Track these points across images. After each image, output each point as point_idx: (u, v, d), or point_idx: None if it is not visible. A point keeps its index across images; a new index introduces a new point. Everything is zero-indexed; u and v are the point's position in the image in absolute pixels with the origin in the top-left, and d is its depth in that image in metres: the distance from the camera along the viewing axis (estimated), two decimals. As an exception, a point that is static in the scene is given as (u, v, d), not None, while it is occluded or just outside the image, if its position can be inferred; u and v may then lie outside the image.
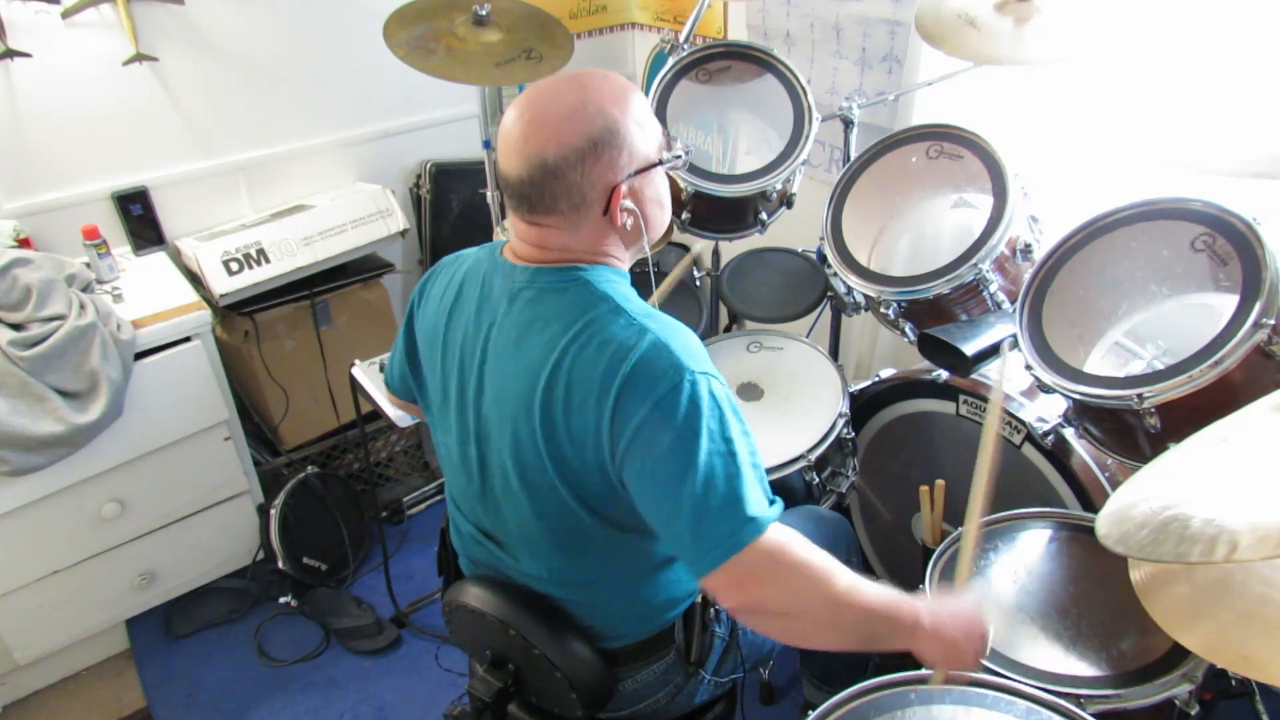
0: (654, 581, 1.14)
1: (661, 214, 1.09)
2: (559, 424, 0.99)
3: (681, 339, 0.99)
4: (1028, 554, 1.32)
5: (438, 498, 2.62)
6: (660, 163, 1.05)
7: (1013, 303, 1.48)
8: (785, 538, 0.95)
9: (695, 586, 1.19)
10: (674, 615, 1.18)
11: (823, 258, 1.89)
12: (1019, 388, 1.58)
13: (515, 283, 1.05)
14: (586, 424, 0.97)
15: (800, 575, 0.95)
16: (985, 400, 1.57)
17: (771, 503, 0.97)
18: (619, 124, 0.98)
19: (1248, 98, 1.23)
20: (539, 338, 1.01)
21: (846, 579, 0.97)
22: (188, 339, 1.97)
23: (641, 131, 1.01)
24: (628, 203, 1.01)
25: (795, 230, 2.02)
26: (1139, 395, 1.20)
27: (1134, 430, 1.29)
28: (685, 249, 2.92)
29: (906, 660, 1.00)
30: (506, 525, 1.13)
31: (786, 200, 1.84)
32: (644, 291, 1.13)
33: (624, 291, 1.04)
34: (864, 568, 1.60)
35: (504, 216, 2.39)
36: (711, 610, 1.21)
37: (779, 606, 0.96)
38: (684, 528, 0.93)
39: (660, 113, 1.81)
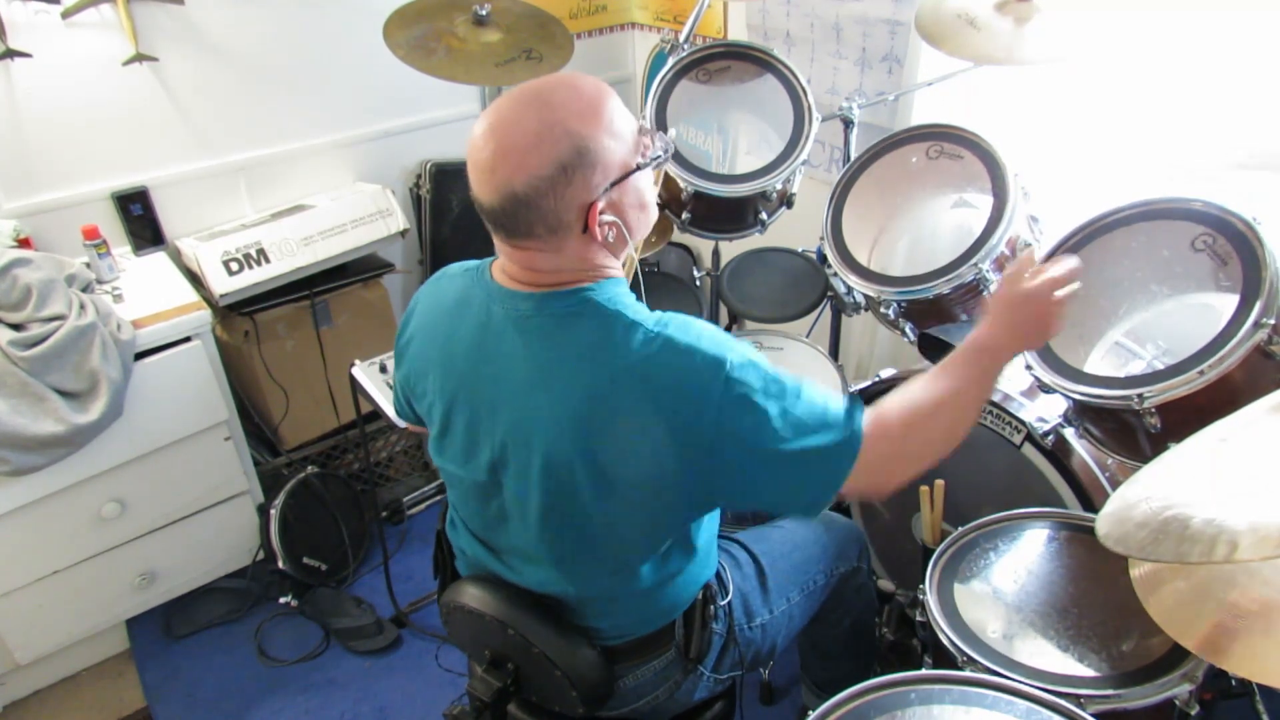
0: (658, 587, 1.14)
1: (644, 216, 1.07)
2: (608, 449, 0.98)
3: (697, 330, 0.99)
4: (1028, 554, 1.32)
5: (438, 497, 2.62)
6: (638, 168, 1.01)
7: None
8: (874, 413, 1.02)
9: (697, 587, 1.20)
10: (675, 613, 1.18)
11: (823, 258, 1.90)
12: (1019, 388, 1.58)
13: (520, 310, 1.03)
14: (646, 443, 0.97)
15: (911, 431, 1.03)
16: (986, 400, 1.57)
17: (849, 399, 1.02)
18: (587, 142, 0.94)
19: (1246, 96, 1.23)
20: (564, 367, 0.99)
21: (929, 395, 1.05)
22: (188, 339, 1.97)
23: (614, 142, 0.97)
24: (606, 216, 0.99)
25: (795, 230, 2.02)
26: (1139, 395, 1.20)
27: (1134, 430, 1.29)
28: (686, 249, 2.92)
29: (908, 664, 1.00)
30: (516, 543, 1.13)
31: (786, 200, 1.84)
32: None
33: (630, 303, 1.03)
34: (870, 571, 1.60)
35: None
36: (711, 608, 1.22)
37: (913, 458, 1.05)
38: (798, 478, 1.00)
39: (660, 113, 1.81)
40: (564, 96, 0.96)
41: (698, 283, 2.28)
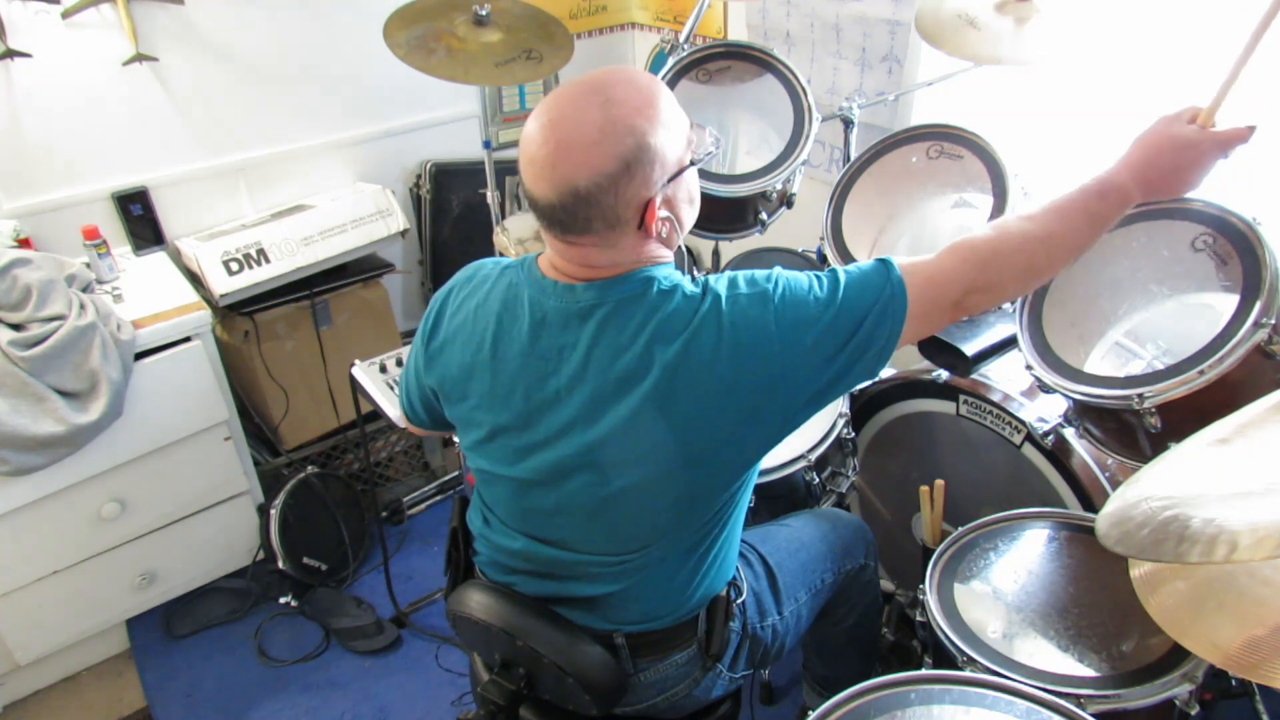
0: (699, 570, 1.14)
1: (692, 210, 1.08)
2: (689, 416, 1.00)
3: (733, 277, 1.03)
4: (1028, 554, 1.32)
5: (438, 498, 2.62)
6: (692, 163, 1.03)
7: (1013, 303, 1.48)
8: (929, 260, 1.06)
9: (724, 581, 1.20)
10: (702, 603, 1.18)
11: (823, 258, 1.89)
12: (1019, 388, 1.58)
13: (582, 301, 1.03)
14: (725, 397, 0.99)
15: (986, 266, 1.05)
16: (985, 400, 1.57)
17: (879, 263, 1.05)
18: (648, 137, 0.95)
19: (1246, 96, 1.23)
20: (636, 349, 1.00)
21: (1019, 232, 1.06)
22: (188, 339, 1.97)
23: (670, 136, 0.98)
24: (662, 212, 1.00)
25: (795, 230, 2.02)
26: (1139, 395, 1.20)
27: (1134, 430, 1.28)
28: (686, 249, 2.91)
29: (909, 664, 1.00)
30: (570, 534, 1.12)
31: (786, 200, 1.84)
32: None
33: (682, 277, 1.05)
34: (877, 568, 1.60)
35: (504, 216, 2.40)
36: (731, 605, 1.22)
37: (987, 289, 1.06)
38: (860, 359, 1.02)
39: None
40: (623, 91, 0.95)
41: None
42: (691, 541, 1.12)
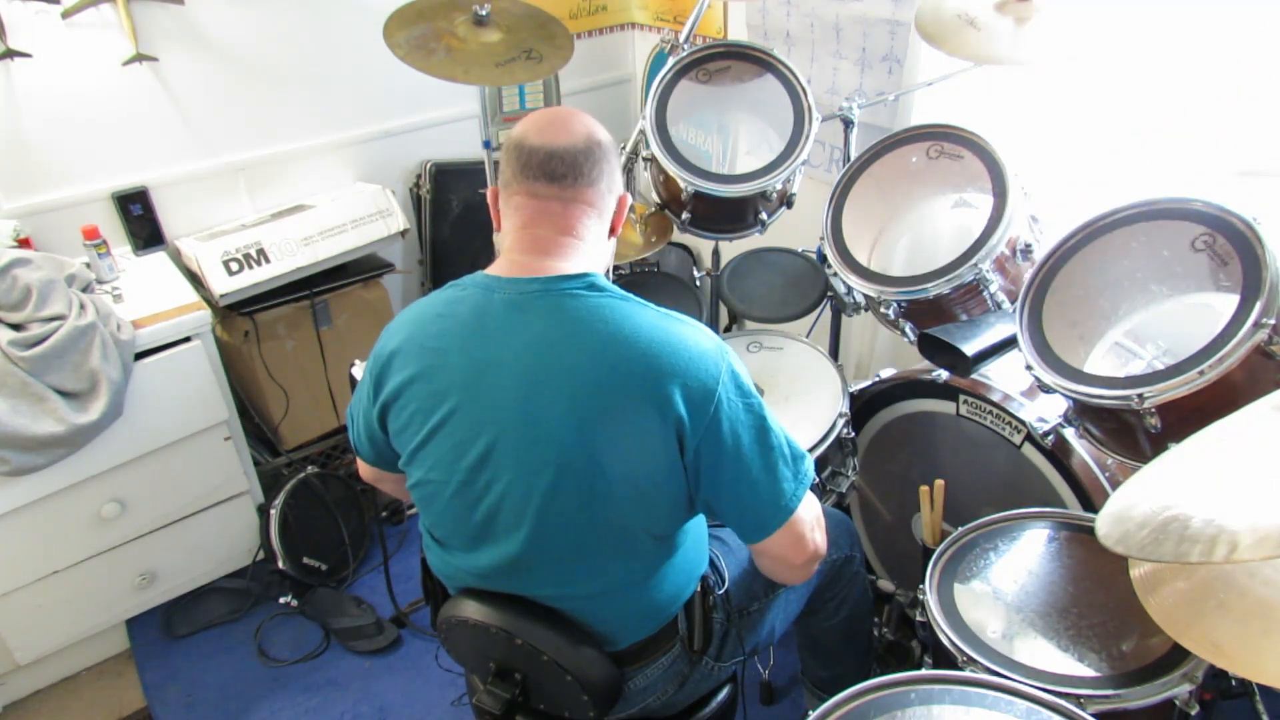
0: (659, 581, 1.13)
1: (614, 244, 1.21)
2: (614, 431, 1.00)
3: (701, 329, 1.07)
4: (1028, 554, 1.32)
5: (438, 498, 2.62)
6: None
7: (1013, 303, 1.48)
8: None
9: (693, 578, 1.20)
10: (676, 608, 1.18)
11: (823, 258, 1.89)
12: (1019, 388, 1.58)
13: (524, 290, 1.04)
14: (652, 426, 1.00)
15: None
16: (985, 400, 1.57)
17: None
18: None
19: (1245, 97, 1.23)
20: (571, 348, 1.01)
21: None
22: (188, 339, 1.97)
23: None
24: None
25: (795, 230, 2.02)
26: (1139, 395, 1.20)
27: (1134, 430, 1.29)
28: (686, 249, 2.92)
29: (908, 664, 1.00)
30: (515, 553, 1.09)
31: (786, 200, 1.84)
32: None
33: (629, 294, 1.07)
34: (865, 566, 1.60)
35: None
36: (710, 598, 1.22)
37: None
38: (758, 499, 1.07)
39: (660, 113, 1.81)
40: (585, 118, 1.13)
41: (698, 283, 2.28)
42: (644, 566, 1.11)
